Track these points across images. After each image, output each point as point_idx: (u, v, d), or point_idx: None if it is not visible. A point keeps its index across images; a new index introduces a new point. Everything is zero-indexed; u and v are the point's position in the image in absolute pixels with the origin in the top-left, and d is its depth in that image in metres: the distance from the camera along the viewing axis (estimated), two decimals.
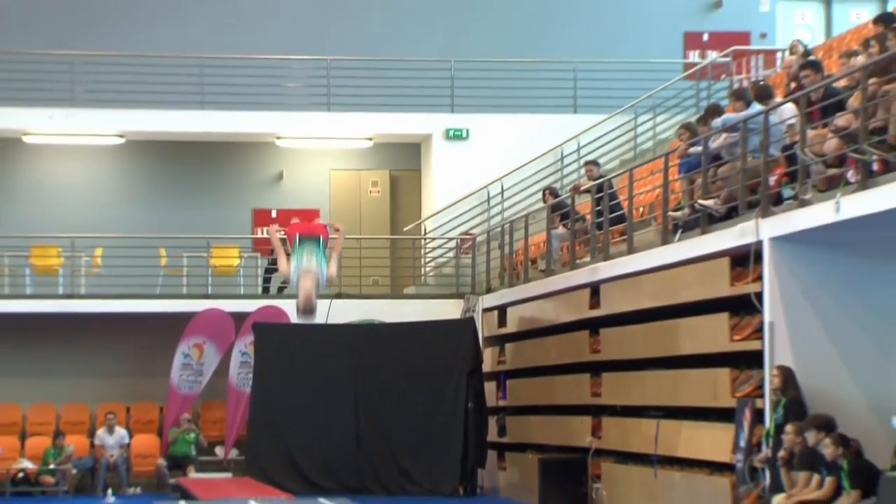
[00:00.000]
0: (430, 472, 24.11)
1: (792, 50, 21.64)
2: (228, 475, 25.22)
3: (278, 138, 29.30)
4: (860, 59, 15.37)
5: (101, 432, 25.95)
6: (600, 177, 22.31)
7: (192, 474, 25.02)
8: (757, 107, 16.85)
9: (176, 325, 25.89)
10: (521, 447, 24.05)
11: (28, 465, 25.44)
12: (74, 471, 25.53)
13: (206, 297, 26.75)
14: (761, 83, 20.47)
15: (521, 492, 23.09)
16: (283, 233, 17.10)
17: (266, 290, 27.66)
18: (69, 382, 27.21)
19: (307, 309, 15.82)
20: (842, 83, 15.27)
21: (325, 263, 15.74)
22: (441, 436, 23.93)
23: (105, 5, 30.10)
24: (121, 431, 26.02)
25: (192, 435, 25.86)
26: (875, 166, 13.78)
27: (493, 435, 25.02)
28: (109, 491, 24.89)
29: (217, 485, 23.07)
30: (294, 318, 24.89)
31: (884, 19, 16.37)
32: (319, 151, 30.00)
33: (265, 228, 17.37)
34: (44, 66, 27.90)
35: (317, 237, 15.90)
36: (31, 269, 27.00)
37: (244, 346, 25.79)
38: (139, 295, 26.47)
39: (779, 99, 17.31)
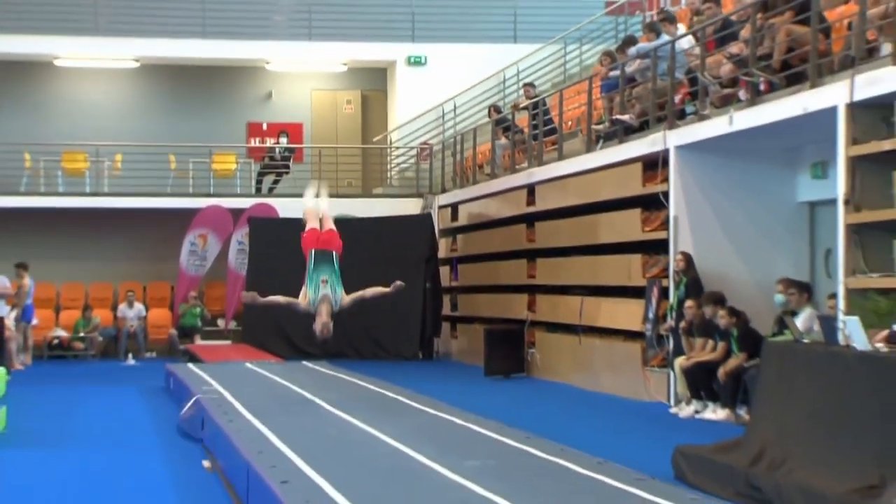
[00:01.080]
0: (395, 340, 24.19)
1: None
2: (228, 342, 25.18)
3: (268, 63, 29.00)
4: None
5: (122, 306, 25.88)
6: (536, 96, 22.21)
7: (199, 342, 25.01)
8: (665, 37, 16.78)
9: (183, 218, 25.74)
10: (470, 320, 24.14)
11: (62, 333, 25.41)
12: (100, 338, 25.49)
13: (209, 195, 26.56)
14: (665, 10, 20.37)
15: (469, 356, 23.19)
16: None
17: (259, 190, 27.52)
18: (95, 265, 27.11)
19: (324, 338, 13.89)
20: (735, 17, 15.21)
21: (340, 287, 14.04)
22: (404, 311, 23.93)
23: None
24: (139, 306, 25.95)
25: (198, 309, 25.82)
26: (762, 87, 13.79)
27: (446, 310, 25.09)
28: (130, 355, 24.92)
29: (219, 350, 23.04)
30: (282, 215, 25.19)
31: None
32: (302, 74, 29.70)
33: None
34: (72, 0, 27.56)
35: (330, 253, 14.03)
36: (62, 172, 26.74)
37: (241, 236, 25.65)
38: (153, 193, 26.28)
39: (683, 30, 17.25)
